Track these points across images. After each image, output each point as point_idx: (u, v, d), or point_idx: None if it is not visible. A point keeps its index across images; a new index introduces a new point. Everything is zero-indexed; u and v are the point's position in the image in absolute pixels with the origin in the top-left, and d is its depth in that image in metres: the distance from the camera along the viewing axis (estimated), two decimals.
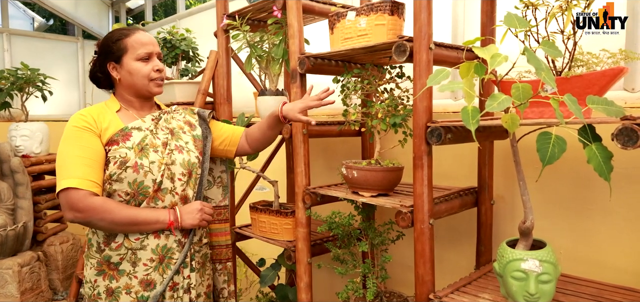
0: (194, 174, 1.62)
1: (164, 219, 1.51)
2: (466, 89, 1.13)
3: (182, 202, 1.58)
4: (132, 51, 1.55)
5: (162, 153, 1.54)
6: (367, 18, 1.60)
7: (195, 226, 1.57)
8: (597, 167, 1.03)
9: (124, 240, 1.50)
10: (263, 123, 1.78)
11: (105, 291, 1.51)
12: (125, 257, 1.51)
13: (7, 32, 4.72)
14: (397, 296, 1.92)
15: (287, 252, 2.02)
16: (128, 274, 1.51)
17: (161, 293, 1.52)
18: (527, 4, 1.31)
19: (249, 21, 2.23)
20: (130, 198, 1.50)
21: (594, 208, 1.62)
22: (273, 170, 2.76)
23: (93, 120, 1.50)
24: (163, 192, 1.53)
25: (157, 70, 1.58)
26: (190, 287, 1.60)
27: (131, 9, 5.62)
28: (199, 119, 1.74)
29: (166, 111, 1.68)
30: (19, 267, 3.20)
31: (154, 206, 1.52)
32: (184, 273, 1.58)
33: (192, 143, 1.65)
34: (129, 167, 1.47)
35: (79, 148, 1.46)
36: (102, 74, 1.62)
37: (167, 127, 1.62)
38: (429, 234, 1.43)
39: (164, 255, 1.54)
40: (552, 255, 1.23)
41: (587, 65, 1.29)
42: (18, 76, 3.48)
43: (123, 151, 1.48)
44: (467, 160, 1.92)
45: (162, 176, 1.52)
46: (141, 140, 1.52)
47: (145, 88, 1.58)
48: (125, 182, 1.48)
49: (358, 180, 1.66)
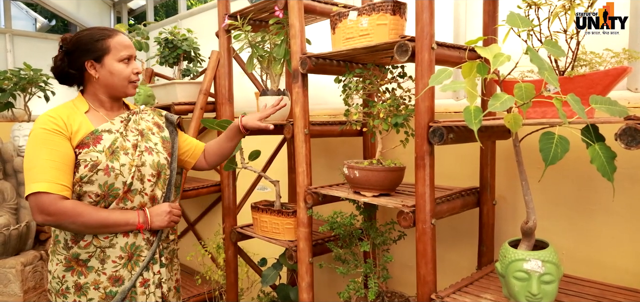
0: (163, 174, 1.65)
1: (134, 221, 1.54)
2: (469, 88, 1.12)
3: (150, 203, 1.61)
4: (115, 52, 1.56)
5: (132, 155, 1.56)
6: (369, 18, 1.59)
7: (164, 227, 1.61)
8: (600, 167, 1.02)
9: (93, 239, 1.52)
10: (221, 137, 1.86)
11: (73, 285, 1.53)
12: (93, 255, 1.52)
13: (9, 32, 4.73)
14: (398, 296, 1.91)
15: (289, 252, 2.02)
16: (96, 271, 1.53)
17: (129, 289, 1.55)
18: (530, 4, 1.31)
19: (251, 21, 2.23)
20: (100, 199, 1.51)
21: (596, 208, 1.62)
22: (274, 170, 2.76)
23: (63, 122, 1.49)
24: (133, 193, 1.55)
25: (136, 72, 1.61)
26: (162, 282, 1.64)
27: (133, 10, 5.62)
28: (167, 121, 1.77)
29: (134, 112, 1.69)
30: (22, 267, 3.20)
31: (123, 206, 1.55)
32: (154, 269, 1.61)
33: (161, 144, 1.68)
34: (100, 170, 1.48)
35: (48, 151, 1.45)
36: (75, 71, 1.59)
37: (137, 129, 1.64)
38: (431, 234, 1.43)
39: (132, 252, 1.56)
40: (554, 255, 1.22)
41: (590, 65, 1.28)
42: (21, 76, 3.49)
43: (94, 155, 1.49)
44: (469, 160, 1.92)
45: (133, 177, 1.54)
46: (112, 143, 1.53)
47: (123, 89, 1.60)
48: (96, 184, 1.49)
49: (360, 180, 1.66)
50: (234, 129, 1.81)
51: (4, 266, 3.17)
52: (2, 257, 3.19)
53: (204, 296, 3.04)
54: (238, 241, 2.39)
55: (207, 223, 3.63)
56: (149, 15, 5.00)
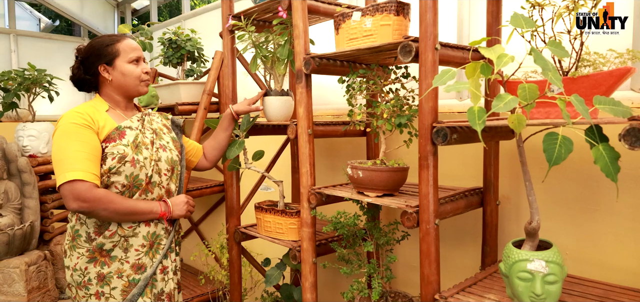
0: (176, 169, 1.81)
1: (157, 210, 1.69)
2: (472, 89, 1.13)
3: (166, 195, 1.75)
4: (125, 54, 1.69)
5: (150, 150, 1.69)
6: (373, 18, 1.60)
7: (182, 216, 1.76)
8: (604, 167, 1.02)
9: (117, 228, 1.63)
10: (216, 130, 2.06)
11: (96, 276, 1.62)
12: (118, 244, 1.63)
13: (14, 33, 4.75)
14: (402, 296, 1.92)
15: (292, 252, 2.02)
16: (120, 260, 1.64)
17: (151, 275, 1.67)
18: (533, 4, 1.31)
19: (254, 22, 2.23)
20: (126, 190, 1.63)
21: (600, 209, 1.62)
22: (278, 170, 2.77)
23: (90, 118, 1.60)
24: (153, 185, 1.69)
25: (146, 72, 1.75)
26: (177, 270, 1.80)
27: (136, 10, 5.64)
28: (172, 124, 1.93)
29: (147, 113, 1.83)
30: (26, 266, 3.22)
31: (144, 197, 1.68)
32: (171, 257, 1.77)
33: (172, 143, 1.82)
34: (128, 161, 1.61)
35: (79, 143, 1.55)
36: (90, 76, 1.72)
37: (151, 128, 1.77)
38: (435, 234, 1.43)
39: (153, 241, 1.70)
40: (558, 256, 1.22)
41: (594, 66, 1.28)
42: (25, 77, 3.50)
43: (121, 148, 1.61)
44: (473, 160, 1.92)
45: (152, 170, 1.68)
46: (135, 138, 1.66)
47: (135, 88, 1.73)
48: (123, 175, 1.61)
49: (363, 180, 1.66)
50: (227, 118, 2.02)
51: (8, 266, 3.18)
52: (6, 257, 3.21)
53: (207, 295, 3.05)
54: (242, 241, 2.39)
55: (210, 223, 3.64)
56: (153, 15, 5.02)
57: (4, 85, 3.50)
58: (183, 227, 3.81)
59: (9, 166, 3.44)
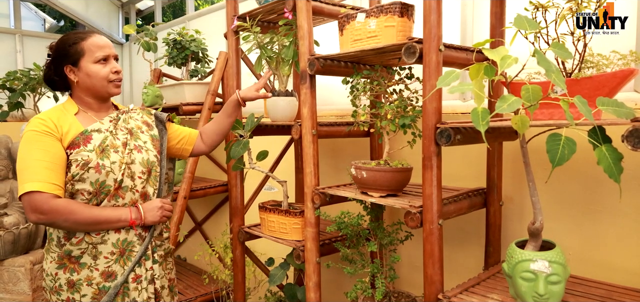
0: (154, 172, 1.67)
1: (126, 218, 1.57)
2: (476, 90, 1.13)
3: (142, 199, 1.63)
4: (90, 54, 1.57)
5: (122, 153, 1.59)
6: (377, 20, 1.60)
7: (156, 222, 1.64)
8: (607, 168, 1.03)
9: (84, 235, 1.54)
10: (220, 115, 1.90)
11: (66, 283, 1.55)
12: (86, 251, 1.55)
13: (19, 33, 4.78)
14: (405, 296, 1.92)
15: (296, 252, 2.03)
16: (89, 267, 1.55)
17: (122, 284, 1.57)
18: (537, 6, 1.32)
19: (259, 23, 2.24)
20: (92, 197, 1.54)
21: (603, 210, 1.62)
22: (282, 170, 2.78)
23: (54, 124, 1.52)
24: (124, 190, 1.58)
25: (116, 72, 1.62)
26: (154, 278, 1.66)
27: (141, 10, 5.66)
28: (156, 120, 1.80)
29: (124, 111, 1.72)
30: (31, 265, 3.24)
31: (114, 203, 1.57)
32: (146, 265, 1.64)
33: (150, 142, 1.70)
34: (91, 168, 1.51)
35: (40, 152, 1.48)
36: (58, 77, 1.63)
37: (126, 128, 1.66)
38: (438, 234, 1.44)
39: (124, 248, 1.59)
40: (561, 256, 1.23)
41: (597, 67, 1.29)
42: (30, 77, 3.52)
43: (85, 154, 1.51)
44: (476, 161, 1.93)
45: (123, 174, 1.56)
46: (102, 142, 1.56)
47: (104, 89, 1.61)
48: (88, 182, 1.52)
49: (367, 180, 1.67)
50: (232, 103, 1.87)
51: (13, 265, 3.20)
52: (12, 255, 3.23)
53: (211, 295, 3.06)
54: (245, 241, 2.40)
55: (214, 223, 3.65)
56: (157, 16, 5.04)
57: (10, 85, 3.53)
58: (186, 227, 3.82)
59: (14, 165, 3.46)
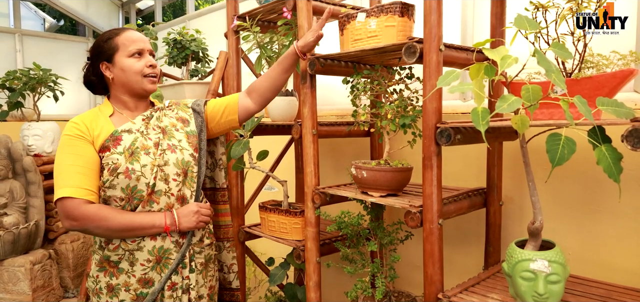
0: (190, 172, 1.60)
1: (160, 224, 1.51)
2: (476, 90, 1.13)
3: (179, 203, 1.57)
4: (124, 48, 1.54)
5: (154, 154, 1.53)
6: (377, 19, 1.61)
7: (192, 228, 1.57)
8: (607, 168, 1.03)
9: (120, 242, 1.52)
10: (275, 69, 1.70)
11: (106, 286, 1.54)
12: (123, 257, 1.52)
13: (19, 32, 4.78)
14: (405, 296, 1.93)
15: (296, 252, 2.03)
16: (127, 273, 1.53)
17: (159, 291, 1.53)
18: (537, 6, 1.32)
19: (259, 22, 2.25)
20: (125, 203, 1.50)
21: (603, 209, 1.62)
22: (282, 170, 2.78)
23: (85, 127, 1.51)
24: (157, 194, 1.52)
25: (150, 66, 1.57)
26: (190, 288, 1.59)
27: (141, 10, 5.66)
28: (194, 113, 1.71)
29: (158, 108, 1.66)
30: (31, 265, 3.24)
31: (149, 209, 1.51)
32: (183, 273, 1.57)
33: (186, 140, 1.63)
34: (121, 173, 1.47)
35: (72, 156, 1.47)
36: (95, 77, 1.62)
37: (159, 126, 1.61)
38: (438, 234, 1.44)
39: (161, 255, 1.54)
40: (561, 256, 1.23)
41: (597, 67, 1.29)
42: (30, 76, 3.52)
43: (114, 157, 1.48)
44: (476, 161, 1.93)
45: (155, 178, 1.51)
46: (131, 143, 1.52)
47: (139, 85, 1.57)
48: (119, 188, 1.48)
49: (367, 180, 1.67)
50: (290, 56, 1.68)
51: (13, 265, 3.20)
52: (11, 255, 3.23)
53: None
54: (246, 241, 2.41)
55: None
56: (157, 15, 5.04)
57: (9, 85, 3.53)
58: None
59: (14, 165, 3.46)
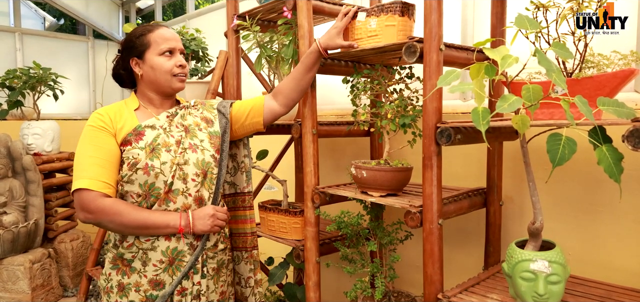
0: (209, 174, 1.57)
1: (175, 224, 1.48)
2: (477, 90, 1.13)
3: (196, 204, 1.54)
4: (155, 46, 1.54)
5: (174, 152, 1.51)
6: (378, 19, 1.60)
7: (206, 232, 1.53)
8: (608, 168, 1.03)
9: (134, 240, 1.49)
10: (299, 70, 1.70)
11: (117, 285, 1.52)
12: (136, 256, 1.50)
13: (19, 31, 4.78)
14: (405, 296, 1.92)
15: (296, 251, 2.03)
16: (138, 272, 1.50)
17: (170, 294, 1.50)
18: (537, 6, 1.31)
19: (259, 22, 2.24)
20: (142, 200, 1.48)
21: (603, 210, 1.62)
22: (282, 169, 2.78)
23: (109, 119, 1.50)
24: (174, 193, 1.49)
25: (180, 65, 1.56)
26: (200, 294, 1.56)
27: (141, 9, 5.66)
28: (219, 114, 1.69)
29: (183, 107, 1.65)
30: (30, 264, 3.24)
31: (165, 207, 1.49)
32: (194, 279, 1.54)
33: (208, 141, 1.60)
34: (140, 168, 1.45)
35: (93, 148, 1.45)
36: (124, 71, 1.61)
37: (182, 124, 1.59)
38: (438, 234, 1.44)
39: (174, 257, 1.51)
40: (561, 256, 1.23)
41: (597, 67, 1.29)
42: (30, 75, 3.52)
43: (135, 152, 1.46)
44: (476, 161, 1.93)
45: (173, 176, 1.48)
46: (153, 139, 1.50)
47: (167, 83, 1.56)
48: (136, 184, 1.46)
49: (367, 180, 1.67)
50: (313, 55, 1.66)
51: (12, 263, 3.20)
52: (11, 254, 3.23)
53: None
54: None
55: None
56: (157, 14, 5.04)
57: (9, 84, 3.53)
58: None
59: (13, 164, 3.46)
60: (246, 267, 1.81)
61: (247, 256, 1.81)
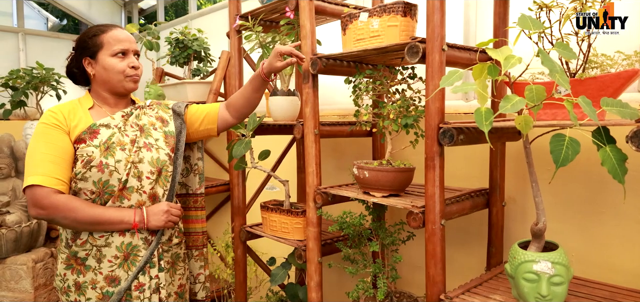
0: (164, 172, 1.60)
1: (129, 220, 1.50)
2: (479, 90, 1.13)
3: (150, 201, 1.57)
4: (108, 47, 1.54)
5: (129, 151, 1.53)
6: (380, 19, 1.60)
7: (160, 227, 1.56)
8: (611, 169, 1.02)
9: (88, 237, 1.51)
10: (247, 88, 1.73)
11: (73, 284, 1.53)
12: (90, 253, 1.51)
13: (22, 31, 4.79)
14: (407, 296, 1.92)
15: (298, 252, 2.03)
16: (93, 270, 1.51)
17: (126, 290, 1.52)
18: (541, 6, 1.31)
19: (262, 22, 2.24)
20: (96, 197, 1.50)
21: (607, 211, 1.61)
22: (284, 170, 2.78)
23: (63, 117, 1.50)
24: (129, 191, 1.52)
25: (133, 67, 1.58)
26: (159, 287, 1.58)
27: (143, 9, 5.67)
28: (174, 114, 1.73)
29: (139, 107, 1.67)
30: (33, 263, 3.24)
31: (119, 204, 1.51)
32: (151, 273, 1.56)
33: (163, 140, 1.63)
34: (94, 166, 1.46)
35: (45, 145, 1.46)
36: (77, 70, 1.62)
37: (137, 124, 1.61)
38: (440, 234, 1.43)
39: (128, 252, 1.53)
40: (564, 257, 1.23)
41: (601, 67, 1.29)
42: (33, 75, 3.53)
43: (89, 150, 1.47)
44: (479, 161, 1.92)
45: (128, 174, 1.50)
46: (108, 138, 1.51)
47: (120, 84, 1.57)
48: (90, 182, 1.48)
49: (369, 180, 1.66)
50: (258, 80, 1.70)
51: (15, 263, 3.21)
52: (14, 254, 3.23)
53: (212, 294, 3.06)
54: (247, 240, 2.40)
55: (216, 222, 3.65)
56: (160, 15, 5.04)
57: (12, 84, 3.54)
58: None
59: (16, 163, 3.47)
60: (196, 265, 1.88)
61: (198, 254, 1.89)
